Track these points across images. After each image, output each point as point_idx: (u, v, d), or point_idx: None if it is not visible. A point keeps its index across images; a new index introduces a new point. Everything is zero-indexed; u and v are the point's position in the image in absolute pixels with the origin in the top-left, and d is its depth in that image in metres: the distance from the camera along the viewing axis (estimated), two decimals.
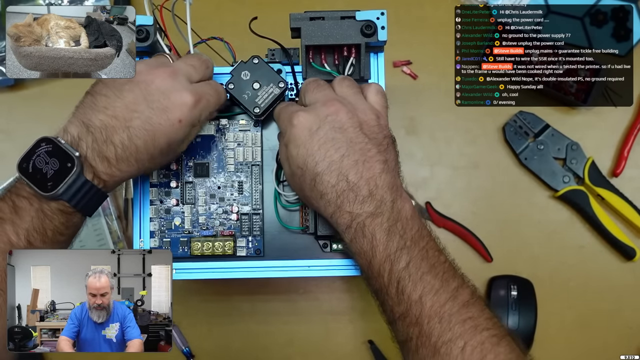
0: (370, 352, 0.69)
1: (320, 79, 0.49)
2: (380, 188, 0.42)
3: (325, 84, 0.47)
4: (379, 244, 0.41)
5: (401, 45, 0.71)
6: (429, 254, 0.42)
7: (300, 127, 0.43)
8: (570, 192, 0.70)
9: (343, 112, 0.43)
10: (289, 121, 0.44)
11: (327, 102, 0.44)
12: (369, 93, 0.47)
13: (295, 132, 0.43)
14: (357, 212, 0.42)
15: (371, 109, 0.45)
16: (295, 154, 0.43)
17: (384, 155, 0.43)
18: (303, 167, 0.43)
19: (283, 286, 0.70)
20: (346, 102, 0.45)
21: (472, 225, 0.70)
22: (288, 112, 0.45)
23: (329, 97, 0.45)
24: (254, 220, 0.52)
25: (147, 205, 0.52)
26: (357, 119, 0.44)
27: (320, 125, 0.43)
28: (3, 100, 0.71)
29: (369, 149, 0.43)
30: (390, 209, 0.42)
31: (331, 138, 0.43)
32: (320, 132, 0.43)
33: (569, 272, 0.70)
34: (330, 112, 0.43)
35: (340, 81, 0.48)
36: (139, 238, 0.52)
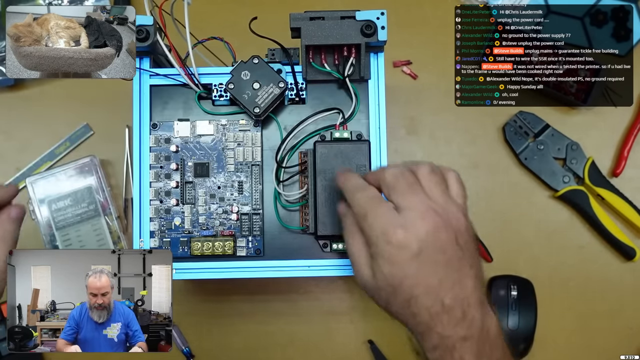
0: (370, 352, 0.69)
1: (406, 170, 0.42)
2: (472, 307, 0.40)
3: (414, 180, 0.42)
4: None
5: (401, 45, 0.71)
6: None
7: (399, 248, 0.40)
8: (570, 192, 0.70)
9: (442, 229, 0.40)
10: (385, 235, 0.40)
11: (424, 214, 0.40)
12: (451, 185, 0.44)
13: (392, 251, 0.40)
14: (447, 334, 0.39)
15: (459, 208, 0.43)
16: (388, 272, 0.40)
17: (475, 268, 0.41)
18: (396, 287, 0.40)
19: (283, 286, 0.70)
20: (440, 211, 0.41)
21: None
22: (381, 223, 0.41)
23: (425, 206, 0.41)
24: (254, 220, 0.52)
25: (147, 205, 0.52)
26: (452, 232, 0.41)
27: (422, 248, 0.39)
28: (3, 100, 0.71)
29: (464, 265, 0.41)
30: (480, 329, 0.40)
31: (432, 262, 0.40)
32: (421, 257, 0.40)
33: (569, 272, 0.70)
34: (429, 229, 0.40)
35: (428, 175, 0.43)
36: (139, 238, 0.52)
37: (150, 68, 0.53)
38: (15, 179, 0.70)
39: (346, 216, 0.45)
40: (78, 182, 0.68)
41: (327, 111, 0.52)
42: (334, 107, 0.52)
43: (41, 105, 0.71)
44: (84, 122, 0.71)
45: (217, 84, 0.52)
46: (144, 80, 0.53)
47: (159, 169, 0.53)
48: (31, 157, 0.70)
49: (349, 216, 0.44)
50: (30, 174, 0.69)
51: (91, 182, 0.68)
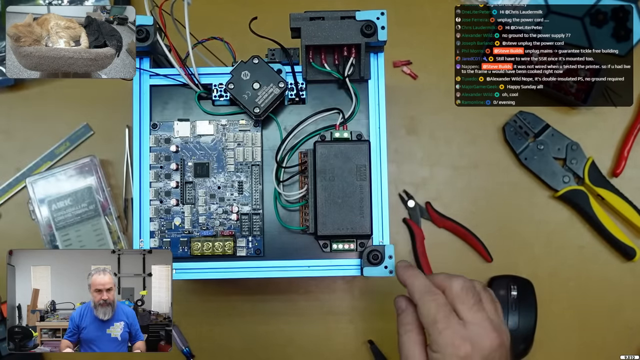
0: (370, 352, 0.69)
1: (472, 285, 0.46)
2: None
3: (479, 297, 0.46)
4: None
5: (401, 45, 0.71)
6: None
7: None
8: (570, 192, 0.70)
9: (499, 347, 0.44)
10: (453, 347, 0.43)
11: (489, 332, 0.44)
12: (491, 307, 0.46)
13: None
14: None
15: (506, 327, 0.47)
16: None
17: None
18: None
19: (283, 286, 0.70)
20: (499, 329, 0.45)
21: (472, 225, 0.70)
22: (451, 333, 0.44)
23: (488, 324, 0.45)
24: (254, 220, 0.52)
25: (147, 205, 0.52)
26: (505, 350, 0.45)
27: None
28: (3, 100, 0.71)
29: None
30: None
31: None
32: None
33: (569, 272, 0.70)
34: (492, 346, 0.44)
35: (484, 293, 0.47)
36: (139, 238, 0.52)
37: (150, 68, 0.53)
38: (15, 179, 0.70)
39: (405, 312, 0.47)
40: (78, 182, 0.68)
41: (327, 111, 0.52)
42: (334, 107, 0.52)
43: (41, 105, 0.71)
44: (84, 122, 0.71)
45: (217, 84, 0.52)
46: (144, 80, 0.53)
47: (159, 169, 0.53)
48: (31, 157, 0.70)
49: (408, 313, 0.47)
50: (30, 174, 0.69)
51: (91, 182, 0.68)
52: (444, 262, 0.70)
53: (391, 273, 0.50)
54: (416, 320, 0.46)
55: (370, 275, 0.50)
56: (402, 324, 0.47)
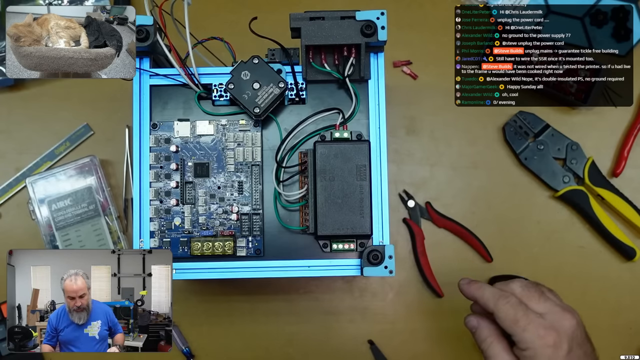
0: (370, 352, 0.69)
1: (529, 283, 0.50)
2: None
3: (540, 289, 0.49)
4: None
5: (401, 45, 0.71)
6: None
7: (555, 348, 0.46)
8: (570, 192, 0.70)
9: (577, 326, 0.48)
10: (541, 339, 0.46)
11: (563, 314, 0.47)
12: (552, 295, 0.50)
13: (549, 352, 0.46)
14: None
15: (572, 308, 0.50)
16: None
17: (595, 350, 0.49)
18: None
19: (283, 286, 0.70)
20: (570, 310, 0.49)
21: (472, 225, 0.70)
22: (535, 327, 0.46)
23: (559, 308, 0.48)
24: (254, 220, 0.52)
25: (147, 205, 0.52)
26: (582, 327, 0.49)
27: (571, 346, 0.46)
28: (3, 100, 0.71)
29: (592, 351, 0.49)
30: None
31: (577, 356, 0.47)
32: (572, 354, 0.46)
33: (569, 272, 0.70)
34: (573, 327, 0.47)
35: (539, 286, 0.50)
36: (139, 238, 0.52)
37: (150, 68, 0.53)
38: (15, 179, 0.70)
39: (480, 328, 0.50)
40: (78, 182, 0.68)
41: (327, 111, 0.52)
42: (334, 107, 0.52)
43: (41, 105, 0.71)
44: (84, 122, 0.71)
45: (217, 84, 0.52)
46: (144, 80, 0.53)
47: (159, 169, 0.53)
48: (31, 157, 0.70)
49: (483, 328, 0.49)
50: (30, 174, 0.69)
51: (91, 182, 0.68)
52: (444, 262, 0.70)
53: (391, 273, 0.50)
54: (494, 330, 0.48)
55: (370, 275, 0.50)
56: (482, 339, 0.49)
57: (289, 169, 0.52)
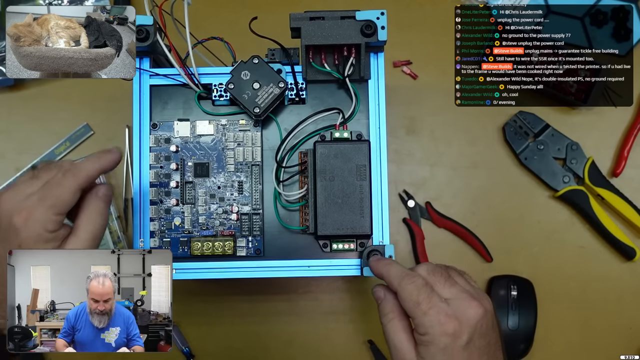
0: (370, 352, 0.69)
1: (436, 266, 0.46)
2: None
3: (447, 273, 0.46)
4: None
5: (401, 45, 0.71)
6: None
7: (454, 337, 0.43)
8: (570, 192, 0.70)
9: (484, 316, 0.44)
10: (440, 325, 0.43)
11: (470, 302, 0.44)
12: (461, 279, 0.46)
13: (447, 341, 0.43)
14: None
15: (484, 292, 0.47)
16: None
17: (501, 342, 0.46)
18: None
19: (283, 286, 0.70)
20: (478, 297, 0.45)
21: (472, 225, 0.70)
22: (436, 312, 0.43)
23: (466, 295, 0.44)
24: (254, 220, 0.52)
25: (147, 205, 0.52)
26: (490, 316, 0.45)
27: (471, 337, 0.43)
28: (3, 100, 0.71)
29: (497, 342, 0.45)
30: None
31: (477, 348, 0.43)
32: (471, 345, 0.43)
33: (569, 272, 0.70)
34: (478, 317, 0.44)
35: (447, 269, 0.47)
36: (139, 238, 0.52)
37: (150, 68, 0.53)
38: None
39: (385, 301, 0.46)
40: None
41: (327, 111, 0.52)
42: (334, 107, 0.52)
43: (41, 105, 0.71)
44: (84, 122, 0.71)
45: (217, 84, 0.52)
46: (144, 80, 0.53)
47: (159, 169, 0.53)
48: (31, 157, 0.70)
49: (388, 301, 0.46)
50: None
51: None
52: (444, 262, 0.69)
53: None
54: (397, 307, 0.45)
55: (370, 275, 0.50)
56: (384, 314, 0.46)
57: (289, 169, 0.52)
